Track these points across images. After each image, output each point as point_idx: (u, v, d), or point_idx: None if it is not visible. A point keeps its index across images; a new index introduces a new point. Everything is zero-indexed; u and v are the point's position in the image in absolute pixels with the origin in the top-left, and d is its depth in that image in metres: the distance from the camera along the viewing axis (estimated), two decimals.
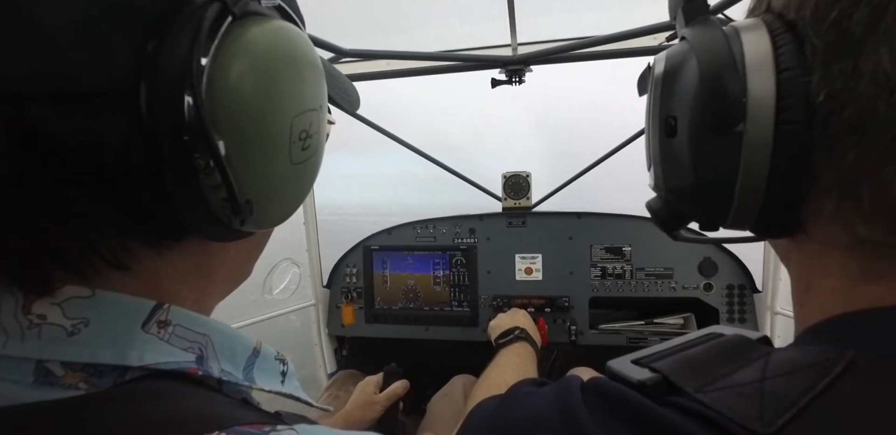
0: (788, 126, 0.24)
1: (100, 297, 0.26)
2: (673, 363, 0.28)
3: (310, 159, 0.33)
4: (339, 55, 1.27)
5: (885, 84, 0.21)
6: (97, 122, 0.23)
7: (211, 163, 0.26)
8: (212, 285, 0.34)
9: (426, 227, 1.66)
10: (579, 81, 1.79)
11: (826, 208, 0.26)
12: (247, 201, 0.29)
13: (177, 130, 0.24)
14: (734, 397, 0.23)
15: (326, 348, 1.75)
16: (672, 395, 0.26)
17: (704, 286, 1.46)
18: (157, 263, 0.29)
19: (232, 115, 0.27)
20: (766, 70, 0.25)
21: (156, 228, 0.28)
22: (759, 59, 0.25)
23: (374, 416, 1.07)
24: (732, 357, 0.27)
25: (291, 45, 0.30)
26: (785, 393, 0.23)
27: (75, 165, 0.24)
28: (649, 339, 1.47)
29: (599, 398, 0.29)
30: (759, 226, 0.29)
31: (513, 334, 1.12)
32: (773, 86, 0.25)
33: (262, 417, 0.28)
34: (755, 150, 0.25)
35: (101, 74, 0.23)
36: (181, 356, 0.28)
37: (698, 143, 0.28)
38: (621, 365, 0.30)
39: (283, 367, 0.36)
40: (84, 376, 0.25)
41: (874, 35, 0.21)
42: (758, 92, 0.25)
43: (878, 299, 0.25)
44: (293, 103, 0.30)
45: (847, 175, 0.24)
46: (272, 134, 0.29)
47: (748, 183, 0.26)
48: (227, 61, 0.26)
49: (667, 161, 0.31)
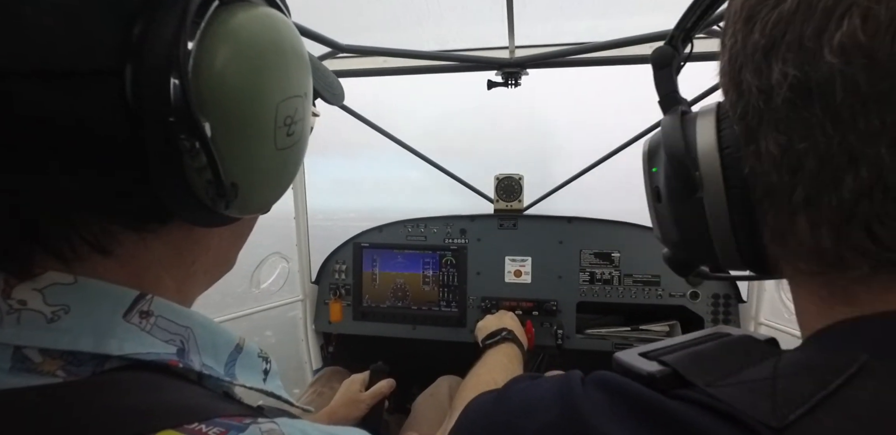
0: (733, 191, 0.30)
1: (82, 284, 0.26)
2: (683, 357, 0.28)
3: (294, 146, 0.33)
4: (336, 50, 1.27)
5: (773, 163, 0.27)
6: (82, 100, 0.23)
7: (196, 144, 0.26)
8: (193, 275, 0.34)
9: (417, 226, 1.66)
10: (575, 86, 1.80)
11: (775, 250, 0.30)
12: (232, 184, 0.29)
13: (162, 111, 0.24)
14: (746, 393, 0.24)
15: (312, 344, 1.75)
16: (682, 388, 0.26)
17: (691, 294, 1.47)
18: (139, 249, 0.29)
19: (217, 98, 0.27)
20: (712, 150, 0.31)
21: (138, 210, 0.28)
22: (707, 141, 0.31)
23: (359, 414, 1.07)
24: (741, 355, 0.28)
25: (277, 32, 0.30)
26: (797, 391, 0.23)
27: (59, 144, 0.24)
28: (634, 345, 1.47)
29: (604, 390, 0.29)
30: (748, 267, 0.33)
31: (500, 335, 1.13)
32: (717, 161, 0.30)
33: (243, 409, 0.28)
34: (715, 211, 0.31)
35: (86, 54, 0.23)
36: (162, 348, 0.28)
37: (675, 207, 0.34)
38: (629, 357, 0.30)
39: (265, 365, 0.36)
40: (62, 364, 0.25)
41: (763, 125, 0.27)
42: (707, 167, 0.31)
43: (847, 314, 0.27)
44: (278, 88, 0.30)
45: (774, 227, 0.29)
46: (257, 117, 0.29)
47: (719, 235, 0.32)
48: (213, 45, 0.26)
49: (660, 221, 0.37)
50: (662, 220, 0.36)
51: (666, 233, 0.36)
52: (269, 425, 0.25)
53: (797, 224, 0.27)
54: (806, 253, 0.27)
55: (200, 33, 0.26)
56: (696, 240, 0.33)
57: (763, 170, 0.27)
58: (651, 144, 0.37)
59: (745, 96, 0.28)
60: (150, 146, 0.25)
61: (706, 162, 0.31)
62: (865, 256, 0.25)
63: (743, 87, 0.28)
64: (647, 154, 0.38)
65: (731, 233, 0.31)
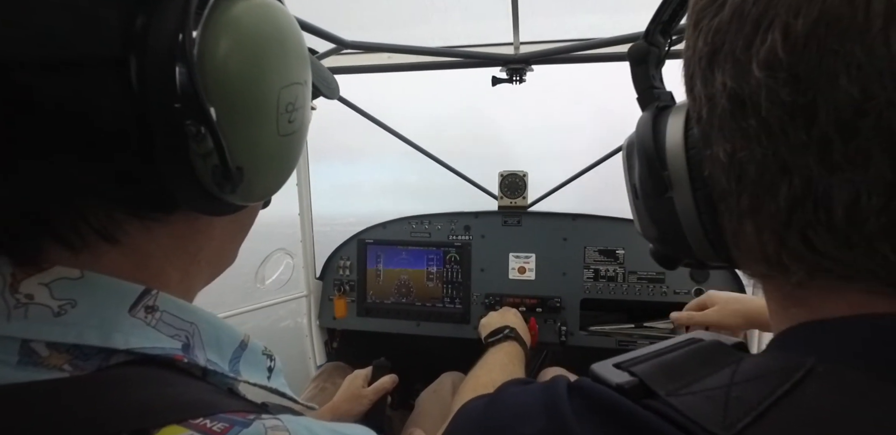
0: (698, 192, 0.30)
1: (88, 278, 0.26)
2: (650, 368, 0.29)
3: (295, 133, 0.34)
4: (340, 46, 1.27)
5: (722, 169, 0.27)
6: (88, 89, 0.24)
7: (202, 129, 0.26)
8: (196, 266, 0.35)
9: (421, 222, 1.66)
10: (580, 82, 1.79)
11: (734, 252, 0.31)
12: (237, 168, 0.29)
13: (168, 98, 0.25)
14: (702, 401, 0.25)
15: (317, 340, 1.75)
16: (647, 398, 0.27)
17: (695, 292, 1.47)
18: (144, 238, 0.29)
19: (222, 84, 0.27)
20: (679, 150, 0.31)
21: (144, 197, 0.28)
22: (675, 142, 0.31)
23: (362, 409, 1.07)
24: (707, 362, 0.28)
25: (276, 20, 0.31)
26: (748, 397, 0.24)
27: (65, 132, 0.24)
28: (638, 342, 1.48)
29: (585, 399, 0.30)
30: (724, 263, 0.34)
31: (502, 333, 1.13)
32: (684, 162, 0.30)
33: (247, 405, 0.28)
34: (685, 209, 0.31)
35: (91, 43, 0.24)
36: (167, 343, 0.28)
37: (649, 204, 0.35)
38: (603, 368, 0.31)
39: (270, 362, 0.36)
40: (69, 358, 0.25)
41: (713, 132, 0.27)
42: (675, 167, 0.31)
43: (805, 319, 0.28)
44: (280, 75, 0.31)
45: (729, 230, 0.30)
46: (261, 103, 0.30)
47: (691, 233, 0.32)
48: (216, 33, 0.27)
49: (640, 216, 0.37)
50: (641, 215, 0.37)
51: (645, 228, 0.37)
52: (274, 422, 0.25)
53: (745, 229, 0.28)
54: (756, 257, 0.28)
55: (203, 22, 0.27)
56: (672, 236, 0.33)
57: (716, 175, 0.28)
58: (628, 142, 0.38)
59: (697, 103, 0.28)
60: (156, 132, 0.26)
61: (674, 162, 0.31)
62: (801, 261, 0.26)
63: (695, 94, 0.28)
64: (625, 151, 0.39)
65: (702, 231, 0.31)
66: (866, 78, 0.20)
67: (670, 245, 0.35)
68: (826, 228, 0.23)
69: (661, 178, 0.32)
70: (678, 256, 0.37)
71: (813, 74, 0.21)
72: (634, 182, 0.36)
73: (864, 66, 0.20)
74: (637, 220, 0.39)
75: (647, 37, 0.38)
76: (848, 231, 0.23)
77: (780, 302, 0.30)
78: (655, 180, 0.32)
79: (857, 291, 0.25)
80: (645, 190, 0.34)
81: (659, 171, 0.32)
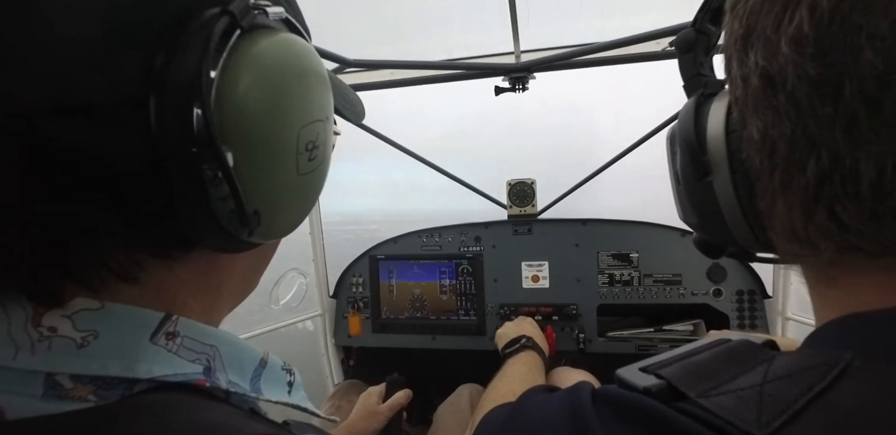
0: (737, 174, 0.31)
1: (109, 309, 0.26)
2: (678, 370, 0.29)
3: (316, 170, 0.33)
4: (343, 65, 1.29)
5: (756, 148, 0.28)
6: (106, 135, 0.23)
7: (219, 174, 0.26)
8: (219, 298, 0.34)
9: (431, 235, 1.66)
10: (583, 87, 1.80)
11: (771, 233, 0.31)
12: (255, 212, 0.28)
13: (186, 142, 0.24)
14: (734, 401, 0.24)
15: (333, 359, 1.74)
16: (677, 400, 0.27)
17: (714, 292, 1.45)
18: (165, 276, 0.29)
19: (240, 128, 0.27)
20: (719, 134, 0.31)
21: (164, 240, 0.28)
22: (716, 126, 0.32)
23: (378, 426, 1.06)
24: (737, 362, 0.28)
25: (299, 58, 0.30)
26: (783, 396, 0.23)
27: (84, 178, 0.24)
28: (659, 346, 1.45)
29: (610, 405, 0.29)
30: (765, 249, 0.34)
31: (519, 343, 1.11)
32: (724, 146, 0.31)
33: (270, 427, 0.28)
34: (724, 192, 0.32)
35: (109, 87, 0.23)
36: (189, 368, 0.28)
37: (691, 190, 0.35)
38: (629, 373, 0.30)
39: (289, 377, 0.36)
40: (93, 389, 0.25)
41: (748, 112, 0.28)
42: (714, 152, 0.32)
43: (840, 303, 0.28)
44: (300, 114, 0.30)
45: (764, 211, 0.30)
46: (280, 145, 0.29)
47: (731, 218, 0.32)
48: (235, 74, 0.26)
49: (681, 203, 0.38)
50: (683, 202, 0.37)
51: (687, 215, 0.38)
52: None
53: (777, 207, 0.28)
54: (788, 235, 0.29)
55: (223, 62, 0.26)
56: (713, 222, 0.34)
57: (751, 155, 0.29)
58: (671, 132, 0.38)
59: (734, 84, 0.29)
60: (173, 177, 0.25)
61: (714, 146, 0.32)
62: (829, 237, 0.26)
63: (731, 75, 0.29)
64: (669, 138, 0.39)
65: (741, 215, 0.32)
66: (890, 50, 0.21)
67: (711, 231, 0.35)
68: (853, 201, 0.24)
69: (701, 162, 0.32)
70: (720, 242, 0.37)
71: (838, 48, 0.22)
72: (676, 168, 0.37)
73: (888, 38, 0.21)
74: (679, 206, 0.39)
75: (696, 24, 0.39)
76: (874, 204, 0.23)
77: (815, 286, 0.30)
78: (696, 165, 0.33)
79: (885, 268, 0.25)
80: (686, 175, 0.35)
81: (699, 155, 0.32)
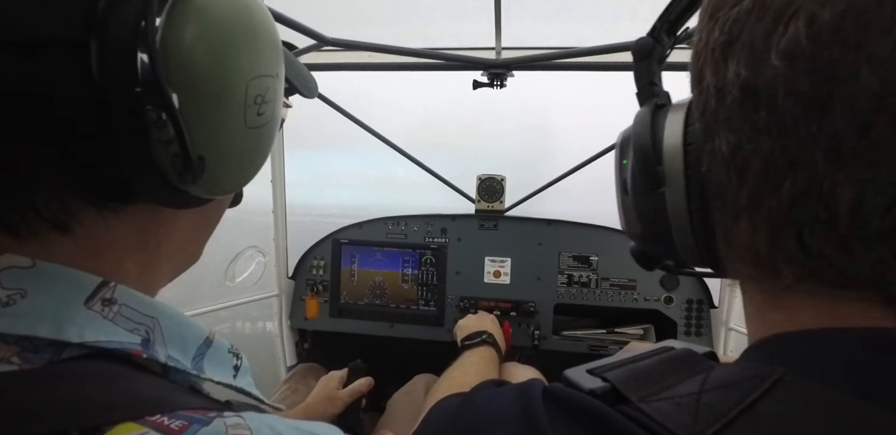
0: (693, 189, 0.30)
1: (41, 268, 0.25)
2: (623, 374, 0.29)
3: (265, 126, 0.33)
4: (321, 43, 1.25)
5: (724, 163, 0.27)
6: (45, 72, 0.23)
7: (163, 115, 0.26)
8: (157, 261, 0.33)
9: (398, 223, 1.65)
10: (560, 88, 1.81)
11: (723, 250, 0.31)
12: (199, 157, 0.28)
13: (129, 83, 0.24)
14: (672, 407, 0.25)
15: (287, 341, 1.72)
16: (619, 403, 0.27)
17: (665, 299, 1.49)
18: (99, 228, 0.28)
19: (186, 70, 0.27)
20: (676, 145, 0.30)
21: (101, 185, 0.27)
22: (673, 136, 0.31)
23: (336, 411, 1.06)
24: (678, 370, 0.29)
25: (248, 9, 0.30)
26: (717, 405, 0.24)
27: (22, 115, 0.23)
28: (610, 347, 1.50)
29: (559, 403, 0.30)
30: (705, 265, 0.33)
31: (480, 338, 1.13)
32: (680, 157, 0.30)
33: (208, 403, 0.27)
34: (675, 206, 0.31)
35: (50, 25, 0.23)
36: (125, 337, 0.27)
37: (639, 200, 0.34)
38: (576, 374, 0.31)
39: (236, 361, 0.35)
40: (17, 350, 0.24)
41: (718, 124, 0.27)
42: (670, 163, 0.31)
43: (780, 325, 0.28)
44: (248, 65, 0.30)
45: (721, 227, 0.29)
46: (227, 92, 0.29)
47: (678, 231, 0.32)
48: (182, 18, 0.26)
49: (626, 213, 0.37)
50: (628, 212, 0.36)
51: (631, 226, 0.37)
52: (235, 419, 0.25)
53: (739, 226, 0.27)
54: (746, 256, 0.28)
55: (169, 7, 0.26)
56: (657, 234, 0.33)
57: (716, 169, 0.28)
58: (623, 136, 0.37)
59: (704, 94, 0.28)
60: (115, 118, 0.25)
61: (670, 157, 0.31)
62: (792, 263, 0.25)
63: (703, 85, 0.28)
64: (619, 146, 0.38)
65: (690, 229, 0.31)
66: (889, 73, 0.20)
67: (654, 243, 0.35)
68: (825, 227, 0.23)
69: (654, 172, 0.31)
70: (659, 255, 0.37)
71: (834, 66, 0.21)
72: (625, 177, 0.36)
73: (887, 62, 0.20)
74: (623, 217, 0.38)
75: (654, 33, 0.38)
76: (848, 231, 0.22)
77: (759, 305, 0.30)
78: (649, 175, 0.32)
79: (847, 299, 0.25)
80: (636, 185, 0.34)
81: (654, 165, 0.31)
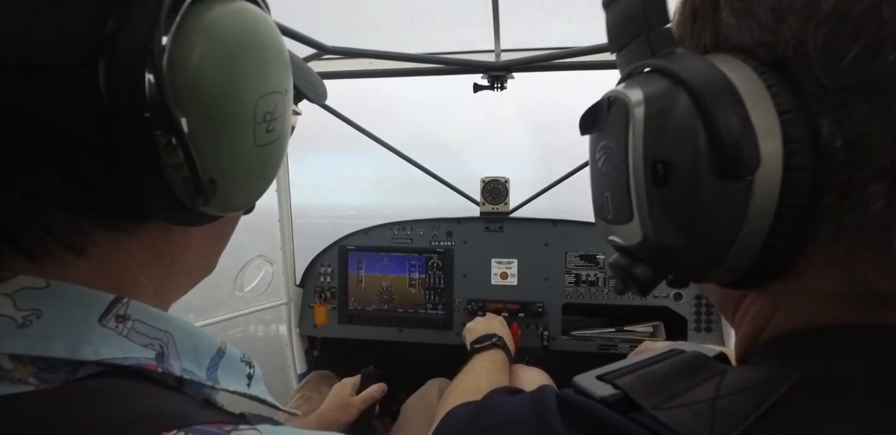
0: (798, 172, 0.23)
1: (54, 288, 0.25)
2: (633, 380, 0.29)
3: (274, 142, 0.33)
4: (321, 51, 1.26)
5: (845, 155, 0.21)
6: (53, 96, 0.23)
7: (173, 140, 0.25)
8: (173, 276, 0.33)
9: (403, 228, 1.65)
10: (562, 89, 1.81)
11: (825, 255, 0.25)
12: (210, 180, 0.28)
13: (136, 106, 0.24)
14: (688, 415, 0.25)
15: (297, 348, 1.72)
16: (632, 411, 0.27)
17: (674, 296, 1.49)
18: (113, 249, 0.28)
19: (194, 93, 0.26)
20: (769, 113, 0.22)
21: (113, 208, 0.27)
22: (759, 101, 0.22)
23: (349, 419, 1.06)
24: (690, 374, 0.28)
25: (255, 26, 0.30)
26: (734, 412, 0.24)
27: (29, 139, 0.23)
28: (619, 346, 1.49)
29: (574, 412, 0.29)
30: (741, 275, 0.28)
31: (490, 341, 1.12)
32: (778, 129, 0.22)
33: (224, 416, 0.27)
34: (764, 198, 0.23)
35: (58, 48, 0.23)
36: (140, 352, 0.27)
37: (704, 192, 0.24)
38: (586, 381, 0.30)
39: (249, 369, 0.35)
40: (34, 371, 0.24)
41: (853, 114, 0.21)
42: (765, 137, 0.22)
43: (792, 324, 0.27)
44: (257, 84, 0.30)
45: (872, 223, 0.22)
46: (236, 113, 0.29)
47: (751, 231, 0.24)
48: (189, 39, 0.26)
49: (657, 213, 0.26)
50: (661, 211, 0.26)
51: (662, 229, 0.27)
52: (251, 432, 0.25)
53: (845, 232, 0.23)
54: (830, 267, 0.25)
55: (175, 28, 0.25)
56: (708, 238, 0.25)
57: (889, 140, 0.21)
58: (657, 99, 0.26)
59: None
60: (123, 142, 0.25)
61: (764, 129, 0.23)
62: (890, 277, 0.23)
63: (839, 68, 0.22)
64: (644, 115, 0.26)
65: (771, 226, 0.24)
66: None
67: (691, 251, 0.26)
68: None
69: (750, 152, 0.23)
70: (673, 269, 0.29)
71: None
72: (664, 159, 0.25)
73: None
74: (648, 216, 0.27)
75: None
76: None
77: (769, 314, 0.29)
78: (740, 155, 0.23)
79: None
80: (704, 170, 0.24)
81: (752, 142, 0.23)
